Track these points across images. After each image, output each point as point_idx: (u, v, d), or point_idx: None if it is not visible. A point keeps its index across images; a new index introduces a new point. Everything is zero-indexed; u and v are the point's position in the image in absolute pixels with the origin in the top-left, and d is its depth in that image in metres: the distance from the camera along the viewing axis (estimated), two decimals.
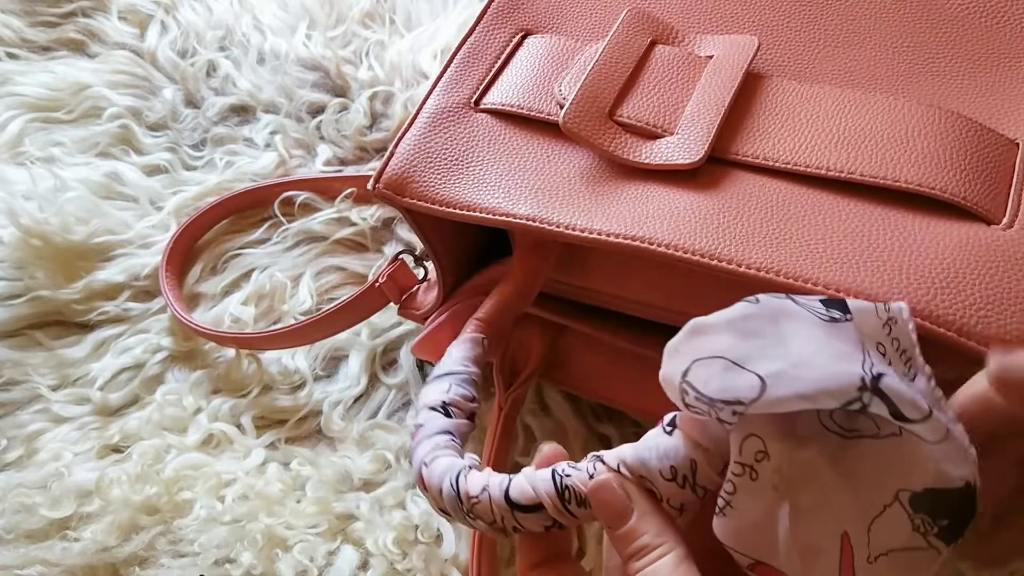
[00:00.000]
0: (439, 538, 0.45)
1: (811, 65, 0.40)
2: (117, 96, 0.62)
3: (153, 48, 0.65)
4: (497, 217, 0.38)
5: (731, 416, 0.24)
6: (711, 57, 0.40)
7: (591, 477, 0.27)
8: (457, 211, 0.39)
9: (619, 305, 0.44)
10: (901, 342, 0.25)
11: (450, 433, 0.33)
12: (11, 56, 0.66)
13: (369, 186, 0.40)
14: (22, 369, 0.52)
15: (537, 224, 0.37)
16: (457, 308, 0.44)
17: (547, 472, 0.28)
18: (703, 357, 0.24)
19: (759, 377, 0.23)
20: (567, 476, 0.28)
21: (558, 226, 0.37)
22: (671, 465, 0.26)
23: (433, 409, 0.34)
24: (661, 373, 0.26)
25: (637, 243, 0.35)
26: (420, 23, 0.65)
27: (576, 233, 0.36)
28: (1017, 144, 0.36)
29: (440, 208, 0.39)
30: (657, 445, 0.27)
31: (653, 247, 0.34)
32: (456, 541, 0.45)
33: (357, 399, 0.51)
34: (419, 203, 0.39)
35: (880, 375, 0.23)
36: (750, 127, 0.38)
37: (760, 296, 0.25)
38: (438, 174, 0.40)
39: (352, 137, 0.60)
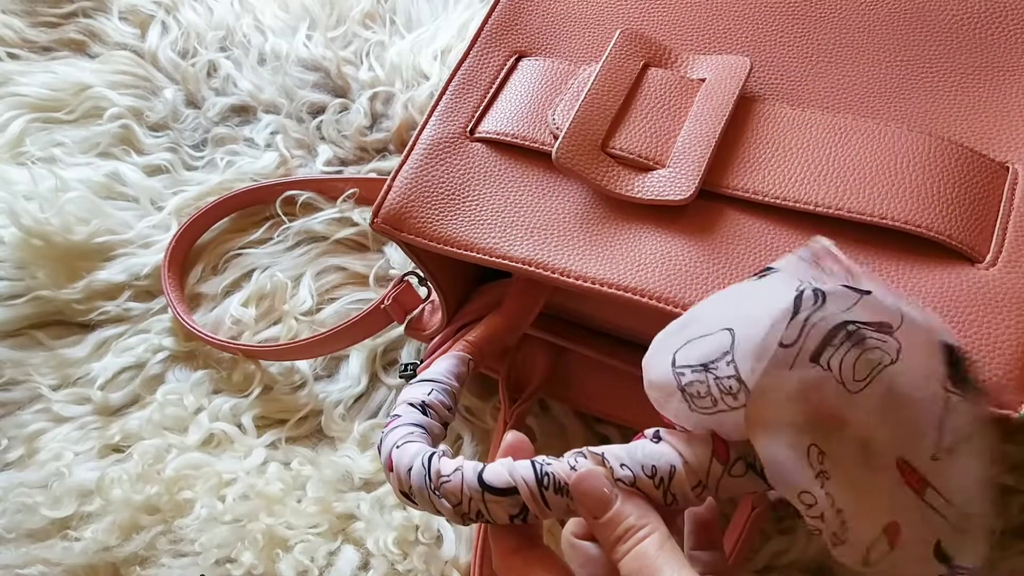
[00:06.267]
0: (439, 539, 0.46)
1: (803, 83, 0.40)
2: (118, 96, 0.62)
3: (154, 48, 0.65)
4: (495, 259, 0.38)
5: (729, 371, 0.27)
6: (703, 80, 0.40)
7: (572, 469, 0.29)
8: (455, 250, 0.39)
9: (614, 330, 0.45)
10: (836, 269, 0.28)
11: (423, 428, 0.34)
12: (12, 56, 0.66)
13: (368, 222, 0.41)
14: (23, 369, 0.52)
15: (533, 269, 0.38)
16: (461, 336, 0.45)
17: (526, 461, 0.29)
18: (679, 347, 0.28)
19: (726, 329, 0.27)
20: (548, 465, 0.29)
21: (554, 271, 0.37)
22: (653, 464, 0.28)
23: (412, 405, 0.35)
24: (647, 380, 0.29)
25: (630, 295, 0.36)
26: (420, 24, 0.65)
27: (572, 281, 0.37)
28: (1007, 168, 0.36)
29: (438, 246, 0.39)
30: (643, 446, 0.29)
31: (645, 300, 0.36)
32: (456, 542, 0.45)
33: (357, 399, 0.51)
34: (417, 239, 0.40)
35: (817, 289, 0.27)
36: (741, 158, 0.38)
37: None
38: (435, 209, 0.40)
39: (352, 137, 0.60)
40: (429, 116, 0.43)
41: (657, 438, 0.29)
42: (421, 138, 0.42)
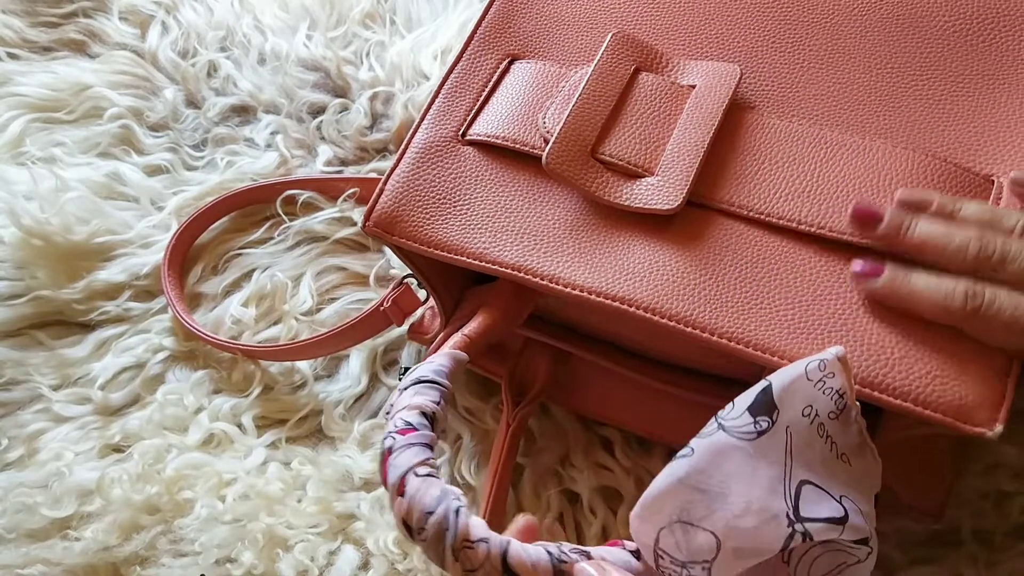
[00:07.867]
0: None
1: (793, 90, 0.40)
2: (118, 96, 0.62)
3: (154, 48, 0.65)
4: (484, 264, 0.39)
5: (702, 574, 0.29)
6: (693, 87, 0.40)
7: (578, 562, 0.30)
8: (445, 254, 0.39)
9: (611, 338, 0.45)
10: (835, 388, 0.29)
11: (431, 449, 0.33)
12: (12, 56, 0.66)
13: (360, 224, 0.41)
14: (23, 369, 0.52)
15: (522, 275, 0.38)
16: None
17: (541, 550, 0.30)
18: (665, 525, 0.29)
19: (714, 535, 0.28)
20: (563, 562, 0.30)
21: (542, 278, 0.38)
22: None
23: (423, 415, 0.34)
24: (634, 538, 0.30)
25: (617, 304, 0.36)
26: (420, 23, 0.65)
27: (560, 288, 0.37)
28: (991, 181, 0.36)
29: (429, 250, 0.40)
30: (627, 560, 0.31)
31: (633, 310, 0.36)
32: None
33: (358, 399, 0.51)
34: (408, 243, 0.40)
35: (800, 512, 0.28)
36: (728, 170, 0.38)
37: (693, 443, 0.29)
38: (426, 213, 0.40)
39: (353, 137, 0.60)
40: (421, 119, 0.43)
41: (637, 555, 0.31)
42: (413, 141, 0.42)
